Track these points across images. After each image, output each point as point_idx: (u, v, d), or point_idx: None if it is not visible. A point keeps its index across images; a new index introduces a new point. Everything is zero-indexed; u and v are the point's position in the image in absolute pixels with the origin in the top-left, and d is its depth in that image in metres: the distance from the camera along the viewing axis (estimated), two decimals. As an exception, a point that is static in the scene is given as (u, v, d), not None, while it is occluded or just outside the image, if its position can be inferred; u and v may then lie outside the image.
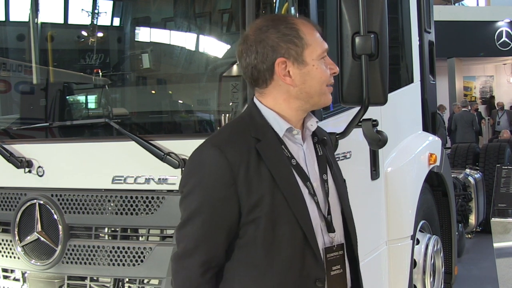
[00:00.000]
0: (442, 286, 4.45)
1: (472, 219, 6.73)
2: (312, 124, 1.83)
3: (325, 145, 1.89)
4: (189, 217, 1.73)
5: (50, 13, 3.51)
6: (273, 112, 1.78)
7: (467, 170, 7.17)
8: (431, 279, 4.21)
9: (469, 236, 7.14)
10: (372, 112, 2.62)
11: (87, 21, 3.42)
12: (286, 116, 1.78)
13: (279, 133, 1.76)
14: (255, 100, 1.82)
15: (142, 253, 2.72)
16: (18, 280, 3.10)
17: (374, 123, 2.59)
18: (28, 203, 3.02)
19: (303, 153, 1.81)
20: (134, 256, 2.74)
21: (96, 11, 3.42)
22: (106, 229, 2.87)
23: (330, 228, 1.79)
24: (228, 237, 1.72)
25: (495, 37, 18.15)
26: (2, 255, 3.12)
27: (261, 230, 1.68)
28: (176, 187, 2.72)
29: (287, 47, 1.72)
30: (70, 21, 3.61)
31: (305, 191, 1.75)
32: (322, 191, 1.81)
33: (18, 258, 3.04)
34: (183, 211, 1.76)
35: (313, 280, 1.73)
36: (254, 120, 1.78)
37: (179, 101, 3.40)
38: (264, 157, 1.70)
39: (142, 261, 2.72)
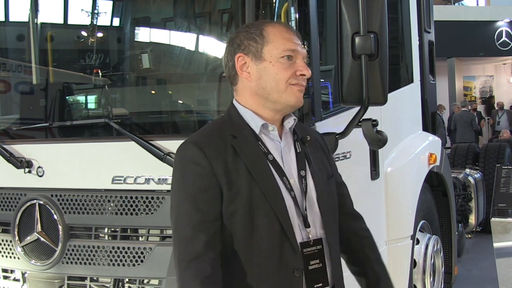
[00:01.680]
0: (442, 286, 4.46)
1: (472, 219, 6.73)
2: (290, 121, 1.90)
3: (304, 143, 1.94)
4: (178, 212, 1.79)
5: (50, 13, 3.51)
6: (249, 110, 1.87)
7: (467, 170, 7.17)
8: (431, 279, 4.21)
9: (469, 236, 7.14)
10: (372, 112, 2.62)
11: (87, 21, 3.42)
12: (260, 114, 1.86)
13: (255, 130, 1.85)
14: (233, 101, 1.93)
15: (142, 253, 2.72)
16: (18, 280, 3.10)
17: (374, 123, 2.59)
18: (28, 203, 3.01)
19: (280, 150, 1.88)
20: (134, 256, 2.74)
21: (96, 11, 3.42)
22: (106, 229, 2.87)
23: (305, 223, 1.84)
24: (219, 226, 1.76)
25: (495, 37, 18.15)
26: (2, 255, 3.12)
27: (240, 222, 1.76)
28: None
29: (248, 44, 1.84)
30: (70, 21, 3.61)
31: (281, 186, 1.81)
32: (300, 187, 1.86)
33: (18, 258, 3.04)
34: (173, 209, 1.82)
35: (291, 270, 1.78)
36: (232, 119, 1.88)
37: (179, 101, 3.40)
38: (240, 153, 1.79)
39: (142, 261, 2.72)
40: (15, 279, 3.12)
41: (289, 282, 1.78)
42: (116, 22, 3.50)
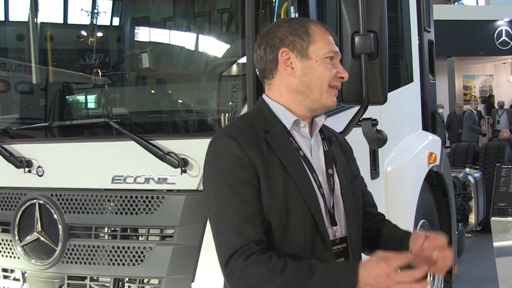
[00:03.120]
0: (442, 285, 4.46)
1: (472, 218, 6.72)
2: (321, 119, 1.91)
3: (331, 142, 1.96)
4: (220, 206, 1.74)
5: (50, 13, 3.51)
6: (281, 106, 1.86)
7: (467, 169, 7.17)
8: (431, 278, 4.21)
9: (469, 235, 7.14)
10: (372, 112, 2.62)
11: (86, 21, 3.42)
12: (292, 110, 1.85)
13: (287, 126, 1.84)
14: (264, 96, 1.91)
15: (142, 252, 2.72)
16: (18, 280, 3.10)
17: (374, 122, 2.59)
18: (28, 203, 3.01)
19: (310, 147, 1.88)
20: (134, 256, 2.74)
21: (95, 10, 3.42)
22: (106, 229, 2.87)
23: (333, 221, 1.83)
24: (264, 217, 1.72)
25: (495, 36, 18.15)
26: (2, 255, 3.12)
27: (276, 215, 1.73)
28: (176, 186, 2.73)
29: (293, 40, 1.82)
30: (69, 21, 3.61)
31: (312, 182, 1.80)
32: (328, 184, 1.86)
33: (18, 258, 3.04)
34: (212, 204, 1.76)
35: None
36: (262, 114, 1.86)
37: (179, 101, 3.40)
38: (274, 147, 1.77)
39: (142, 260, 2.72)
40: (15, 279, 3.12)
41: None
42: (116, 21, 3.51)
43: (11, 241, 3.07)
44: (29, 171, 3.09)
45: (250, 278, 1.65)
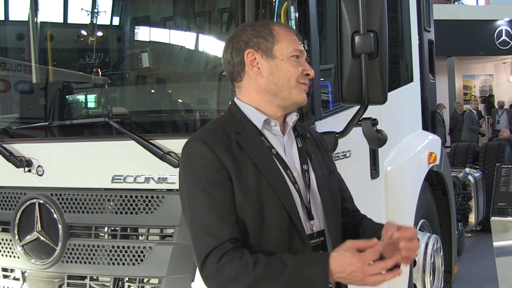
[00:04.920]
0: (442, 285, 4.46)
1: (472, 218, 6.73)
2: (292, 117, 1.95)
3: (305, 139, 1.99)
4: (194, 209, 1.78)
5: (50, 13, 3.51)
6: (251, 107, 1.91)
7: (467, 169, 7.18)
8: (431, 278, 4.21)
9: (469, 235, 7.15)
10: (372, 111, 2.62)
11: (86, 20, 3.42)
12: (263, 110, 1.91)
13: (258, 125, 1.89)
14: (235, 99, 1.96)
15: (142, 252, 2.72)
16: (18, 279, 3.10)
17: (374, 122, 2.59)
18: (28, 203, 3.01)
19: (283, 144, 1.92)
20: (134, 255, 2.74)
21: (95, 10, 3.42)
22: (105, 228, 2.87)
23: (309, 216, 1.87)
24: (237, 217, 1.76)
25: (495, 36, 18.14)
26: (2, 255, 3.12)
27: (250, 215, 1.77)
28: (175, 186, 2.72)
29: (258, 41, 1.88)
30: (69, 21, 3.61)
31: (286, 179, 1.84)
32: (303, 180, 1.90)
33: (18, 257, 3.04)
34: (187, 207, 1.81)
35: None
36: (234, 117, 1.92)
37: (179, 100, 3.40)
38: (245, 147, 1.82)
39: (142, 260, 2.72)
40: (15, 278, 3.12)
41: None
42: (116, 21, 3.50)
43: (11, 240, 3.07)
44: (29, 171, 3.09)
45: (225, 277, 1.70)
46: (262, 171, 1.80)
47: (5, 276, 3.16)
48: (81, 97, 3.64)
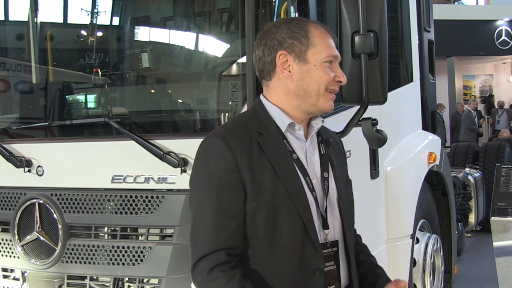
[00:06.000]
0: (442, 285, 4.46)
1: (472, 218, 6.73)
2: (318, 122, 1.90)
3: (329, 145, 1.94)
4: (199, 206, 1.78)
5: (50, 13, 3.51)
6: (277, 108, 1.86)
7: (467, 169, 7.18)
8: (431, 278, 4.21)
9: (469, 235, 7.15)
10: (372, 111, 2.62)
11: (86, 20, 3.42)
12: (289, 113, 1.85)
13: (282, 128, 1.84)
14: (261, 97, 1.91)
15: (141, 252, 2.72)
16: (18, 279, 3.10)
17: (374, 122, 2.59)
18: (28, 203, 3.01)
19: (305, 149, 1.87)
20: (134, 256, 2.74)
21: (95, 10, 3.42)
22: (105, 229, 2.87)
23: (324, 225, 1.83)
24: (240, 223, 1.75)
25: (495, 36, 18.15)
26: (2, 255, 3.12)
27: (263, 219, 1.74)
28: (175, 186, 2.73)
29: (292, 43, 1.81)
30: (69, 21, 3.61)
31: (304, 185, 1.80)
32: (322, 188, 1.86)
33: (18, 257, 3.04)
34: (193, 203, 1.80)
35: (312, 270, 1.77)
36: (257, 115, 1.86)
37: (179, 100, 3.40)
38: (265, 149, 1.77)
39: (142, 260, 2.72)
40: (15, 278, 3.13)
41: (309, 281, 1.77)
42: (116, 21, 3.50)
43: (10, 240, 3.07)
44: (29, 171, 3.09)
45: None
46: (280, 175, 1.75)
47: (5, 276, 3.16)
48: (81, 97, 3.64)
